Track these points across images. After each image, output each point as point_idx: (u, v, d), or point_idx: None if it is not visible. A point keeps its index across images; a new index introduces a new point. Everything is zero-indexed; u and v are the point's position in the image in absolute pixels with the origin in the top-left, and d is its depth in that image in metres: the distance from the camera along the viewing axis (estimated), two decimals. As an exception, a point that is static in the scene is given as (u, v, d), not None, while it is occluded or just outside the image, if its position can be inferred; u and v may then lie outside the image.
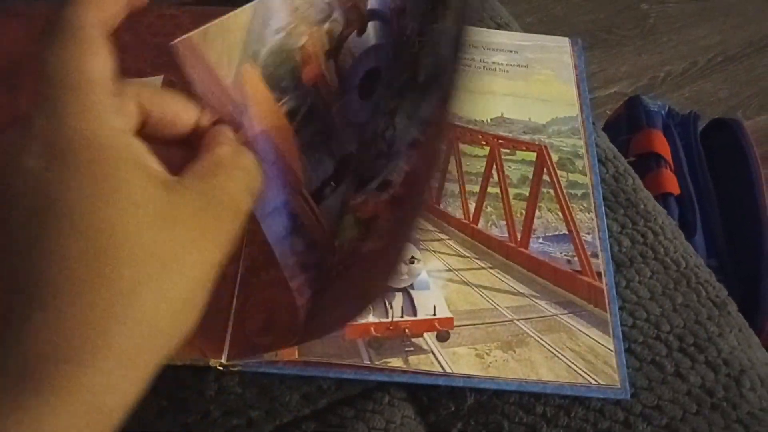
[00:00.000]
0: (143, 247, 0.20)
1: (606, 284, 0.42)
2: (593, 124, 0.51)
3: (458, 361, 0.38)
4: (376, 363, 0.38)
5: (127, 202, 0.20)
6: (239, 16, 0.29)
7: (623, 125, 0.69)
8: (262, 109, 0.30)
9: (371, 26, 0.34)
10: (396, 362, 0.38)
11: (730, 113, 1.28)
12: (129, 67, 0.47)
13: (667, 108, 0.72)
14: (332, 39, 0.32)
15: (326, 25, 0.32)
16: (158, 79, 0.47)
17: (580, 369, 0.39)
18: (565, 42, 0.52)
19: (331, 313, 0.33)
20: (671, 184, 0.61)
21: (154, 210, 0.21)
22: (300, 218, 0.32)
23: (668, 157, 0.64)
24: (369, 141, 0.34)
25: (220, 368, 0.38)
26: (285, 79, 0.30)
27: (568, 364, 0.39)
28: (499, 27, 0.56)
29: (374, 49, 0.34)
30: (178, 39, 0.28)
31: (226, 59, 0.29)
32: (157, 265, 0.20)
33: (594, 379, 0.38)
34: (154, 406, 0.37)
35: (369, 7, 0.33)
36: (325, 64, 0.32)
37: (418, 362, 0.38)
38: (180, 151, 0.26)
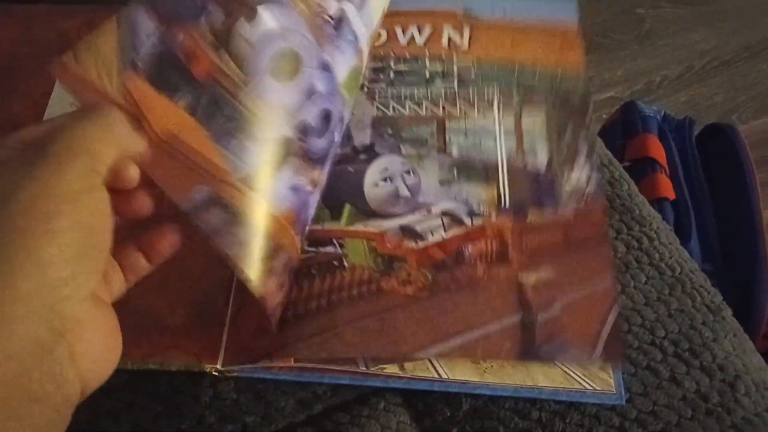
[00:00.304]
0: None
1: (610, 264, 0.41)
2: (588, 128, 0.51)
3: (454, 367, 0.38)
4: (372, 369, 0.38)
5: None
6: (105, 29, 0.30)
7: (619, 130, 0.69)
8: (156, 110, 0.31)
9: (264, 11, 0.35)
10: (391, 368, 0.38)
11: (725, 117, 1.29)
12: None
13: (662, 113, 0.72)
14: (215, 31, 0.33)
15: (202, 20, 0.33)
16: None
17: (576, 374, 0.39)
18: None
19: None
20: (666, 189, 0.62)
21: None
22: (234, 206, 0.32)
23: (663, 162, 0.64)
24: (311, 126, 0.35)
25: (216, 374, 0.38)
26: (173, 77, 0.31)
27: (563, 370, 0.39)
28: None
29: (279, 32, 0.34)
30: (52, 63, 0.30)
31: (105, 73, 0.30)
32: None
33: (589, 385, 0.38)
34: (149, 411, 0.37)
35: None
36: (216, 55, 0.33)
37: (413, 368, 0.38)
38: None
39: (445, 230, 0.41)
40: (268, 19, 0.35)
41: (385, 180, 0.43)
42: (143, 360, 0.38)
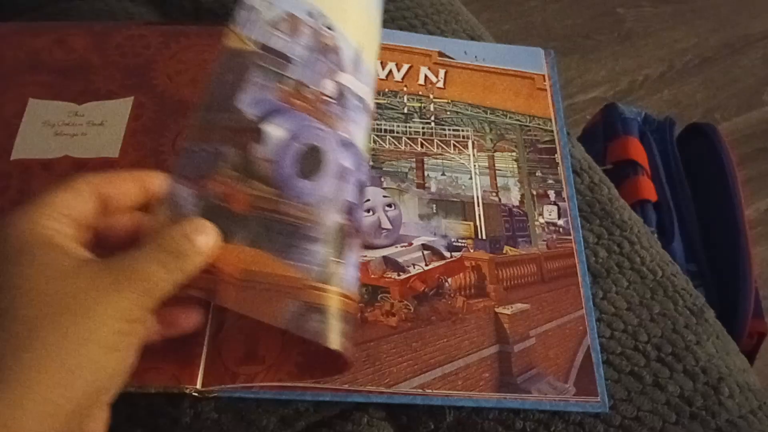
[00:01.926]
0: (43, 295, 0.26)
1: (583, 296, 0.42)
2: (568, 134, 0.51)
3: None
4: (353, 385, 0.37)
5: (32, 268, 0.27)
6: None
7: (600, 133, 0.69)
8: (223, 257, 0.33)
9: (268, 126, 0.37)
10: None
11: (708, 115, 1.30)
12: (98, 89, 0.47)
13: (643, 114, 0.72)
14: (236, 167, 0.35)
15: (220, 163, 0.35)
16: (129, 100, 0.46)
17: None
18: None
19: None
20: (648, 190, 0.62)
21: (59, 274, 0.27)
22: (320, 304, 0.34)
23: (645, 163, 0.64)
24: (353, 203, 0.37)
25: (195, 394, 0.37)
26: (222, 223, 0.34)
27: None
28: (471, 39, 0.56)
29: (289, 137, 0.37)
30: None
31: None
32: (55, 308, 0.26)
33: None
34: (128, 435, 0.37)
35: (250, 117, 0.37)
36: (246, 186, 0.35)
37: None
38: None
39: (426, 263, 0.42)
40: (274, 131, 0.37)
41: (367, 211, 0.44)
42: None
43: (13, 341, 0.25)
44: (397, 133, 0.48)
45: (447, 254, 0.42)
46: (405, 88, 0.50)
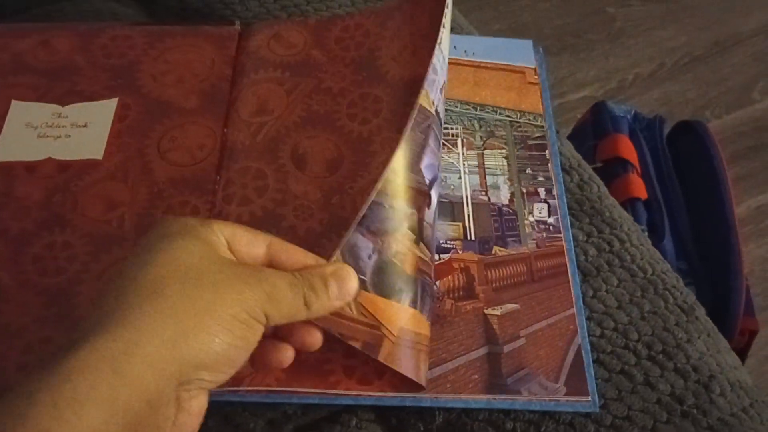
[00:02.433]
0: (180, 265, 0.28)
1: (573, 295, 0.42)
2: (557, 132, 0.50)
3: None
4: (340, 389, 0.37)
5: (179, 248, 0.29)
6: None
7: (589, 131, 0.69)
8: (390, 315, 0.36)
9: (433, 192, 0.40)
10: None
11: (698, 113, 1.30)
12: (83, 90, 0.46)
13: (633, 112, 0.72)
14: (413, 229, 0.38)
15: (403, 224, 0.38)
16: (113, 101, 0.46)
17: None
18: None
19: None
20: (638, 188, 0.61)
21: (199, 256, 0.29)
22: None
23: (635, 161, 0.64)
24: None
25: (181, 398, 0.36)
26: (395, 283, 0.37)
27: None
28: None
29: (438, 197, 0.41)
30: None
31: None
32: (187, 277, 0.28)
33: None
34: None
35: (426, 182, 0.39)
36: (417, 249, 0.38)
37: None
38: None
39: None
40: (435, 196, 0.40)
41: None
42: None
43: (142, 292, 0.27)
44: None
45: (435, 257, 0.42)
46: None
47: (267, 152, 0.42)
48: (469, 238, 0.43)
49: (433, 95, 0.41)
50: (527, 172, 0.47)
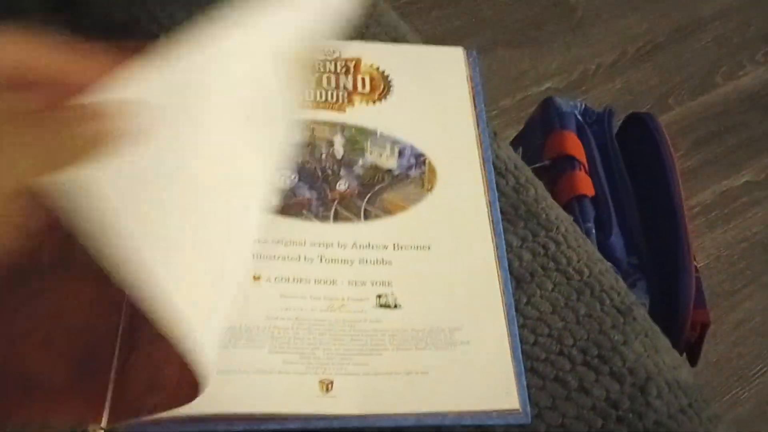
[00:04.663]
0: None
1: (505, 304, 0.41)
2: (495, 134, 0.50)
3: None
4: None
5: None
6: None
7: (538, 128, 0.68)
8: None
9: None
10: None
11: (662, 100, 1.30)
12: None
13: (583, 106, 0.71)
14: None
15: None
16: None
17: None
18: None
19: None
20: (585, 185, 0.61)
21: None
22: None
23: (582, 158, 0.63)
24: None
25: (101, 433, 0.36)
26: None
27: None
28: (395, 41, 0.55)
29: None
30: None
31: None
32: None
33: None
34: (33, 479, 0.35)
35: None
36: None
37: (310, 406, 0.36)
38: None
39: None
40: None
41: None
42: (24, 425, 0.35)
43: None
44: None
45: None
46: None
47: None
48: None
49: None
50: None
